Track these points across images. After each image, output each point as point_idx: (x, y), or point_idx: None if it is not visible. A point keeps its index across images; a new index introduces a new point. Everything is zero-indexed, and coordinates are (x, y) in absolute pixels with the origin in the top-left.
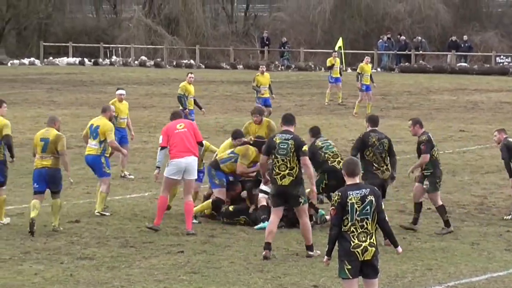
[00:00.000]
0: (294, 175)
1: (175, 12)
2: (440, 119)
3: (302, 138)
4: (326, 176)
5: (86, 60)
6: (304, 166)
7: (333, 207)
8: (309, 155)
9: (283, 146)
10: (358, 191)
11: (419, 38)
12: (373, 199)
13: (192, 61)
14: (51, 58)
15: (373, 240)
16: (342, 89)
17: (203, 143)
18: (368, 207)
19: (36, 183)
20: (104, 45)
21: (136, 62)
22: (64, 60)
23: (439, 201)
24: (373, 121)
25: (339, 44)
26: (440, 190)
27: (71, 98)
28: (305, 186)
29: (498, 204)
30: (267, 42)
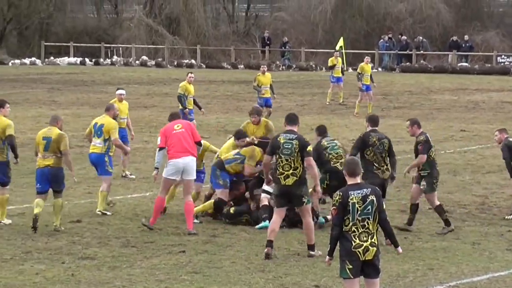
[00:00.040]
0: (298, 175)
1: (176, 12)
2: (441, 119)
3: (306, 138)
4: (328, 176)
5: (87, 60)
6: (308, 167)
7: (334, 207)
8: (314, 154)
9: (287, 146)
10: (359, 191)
11: (420, 38)
12: (374, 199)
13: (193, 61)
14: (52, 58)
15: (374, 240)
16: (343, 89)
17: (202, 143)
18: (369, 207)
19: (39, 183)
20: (105, 45)
21: (137, 62)
22: (65, 60)
23: (436, 201)
24: (373, 121)
25: (340, 44)
26: (436, 191)
27: (72, 98)
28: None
29: (499, 204)
30: (268, 42)
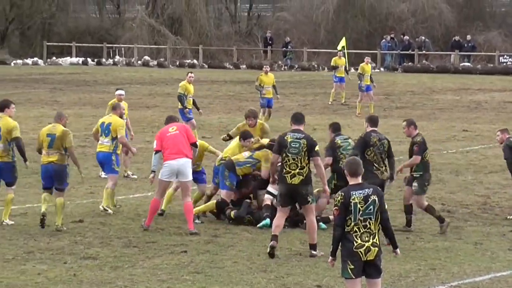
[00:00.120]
0: (304, 175)
1: (178, 12)
2: (443, 119)
3: (314, 137)
4: (336, 176)
5: (89, 60)
6: (316, 167)
7: (336, 207)
8: (329, 152)
9: (294, 145)
10: (361, 191)
11: (422, 37)
12: (376, 199)
13: (195, 61)
14: (54, 58)
15: (376, 240)
16: (345, 89)
17: (197, 144)
18: (371, 207)
19: (43, 180)
20: (107, 45)
21: (139, 62)
22: (67, 60)
23: (425, 202)
24: (373, 121)
25: (342, 44)
26: (425, 193)
27: (74, 98)
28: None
29: (502, 203)
30: (270, 42)
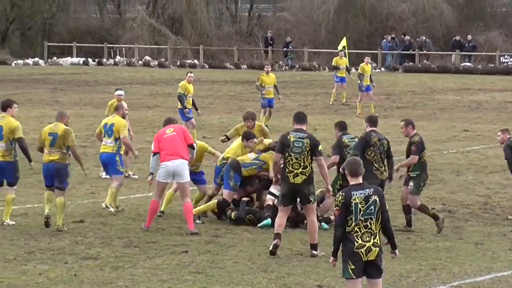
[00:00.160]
0: (307, 174)
1: (179, 12)
2: (444, 119)
3: (317, 137)
4: (341, 177)
5: (90, 60)
6: (319, 167)
7: (337, 208)
8: (336, 151)
9: (297, 145)
10: (361, 191)
11: (423, 37)
12: (377, 199)
13: (196, 61)
14: (55, 58)
15: (377, 240)
16: (346, 89)
17: (194, 146)
18: (372, 207)
19: (45, 178)
20: (108, 45)
21: (140, 62)
22: (68, 60)
23: (418, 202)
24: (373, 121)
25: (343, 44)
26: (420, 194)
27: (75, 98)
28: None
29: (502, 203)
30: (271, 42)
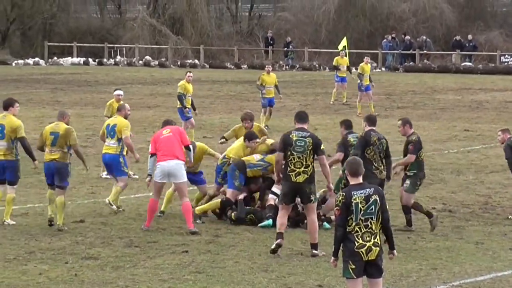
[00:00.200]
0: (309, 173)
1: (180, 12)
2: (444, 118)
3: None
4: (345, 176)
5: (90, 60)
6: (321, 166)
7: (338, 207)
8: (341, 149)
9: (300, 144)
10: (362, 191)
11: (423, 37)
12: (378, 198)
13: (196, 61)
14: (55, 58)
15: (377, 240)
16: (346, 89)
17: (190, 148)
18: (372, 206)
19: (46, 177)
20: (109, 45)
21: (140, 62)
22: (68, 60)
23: (412, 200)
24: (372, 120)
25: (343, 44)
26: (416, 193)
27: (76, 98)
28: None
29: (503, 203)
30: (271, 42)
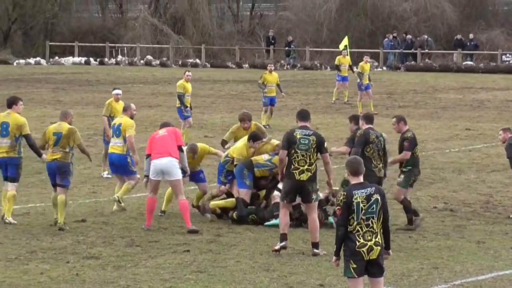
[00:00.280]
0: (312, 171)
1: (181, 11)
2: (446, 117)
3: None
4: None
5: (92, 59)
6: (325, 163)
7: (339, 207)
8: (350, 143)
9: (304, 142)
10: (363, 190)
11: (425, 36)
12: (379, 197)
13: (197, 60)
14: (57, 57)
15: (379, 239)
16: (348, 88)
17: (183, 149)
18: (374, 205)
19: (49, 177)
20: (110, 45)
21: (142, 61)
22: (70, 59)
23: (402, 196)
24: (369, 118)
25: (344, 43)
26: (409, 189)
27: (77, 97)
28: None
29: (504, 202)
30: (272, 41)
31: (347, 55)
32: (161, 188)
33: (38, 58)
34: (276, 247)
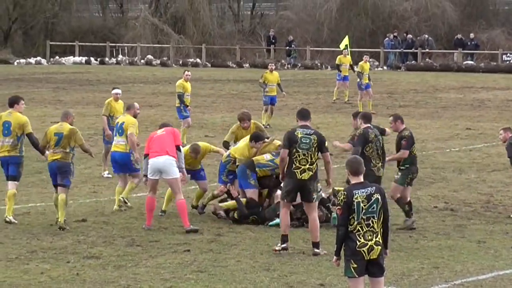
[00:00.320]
0: (313, 171)
1: (182, 11)
2: (446, 117)
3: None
4: None
5: (92, 59)
6: (325, 163)
7: (339, 207)
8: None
9: (305, 141)
10: (363, 190)
11: (425, 36)
12: (379, 197)
13: (198, 60)
14: (57, 57)
15: (379, 238)
16: (348, 88)
17: (181, 149)
18: (374, 205)
19: (51, 178)
20: (111, 44)
21: (142, 61)
22: (70, 59)
23: (398, 194)
24: (367, 117)
25: (345, 42)
26: (406, 186)
27: (78, 97)
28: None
29: (505, 202)
30: (273, 41)
31: (348, 54)
32: (161, 187)
33: (38, 58)
34: (277, 248)
